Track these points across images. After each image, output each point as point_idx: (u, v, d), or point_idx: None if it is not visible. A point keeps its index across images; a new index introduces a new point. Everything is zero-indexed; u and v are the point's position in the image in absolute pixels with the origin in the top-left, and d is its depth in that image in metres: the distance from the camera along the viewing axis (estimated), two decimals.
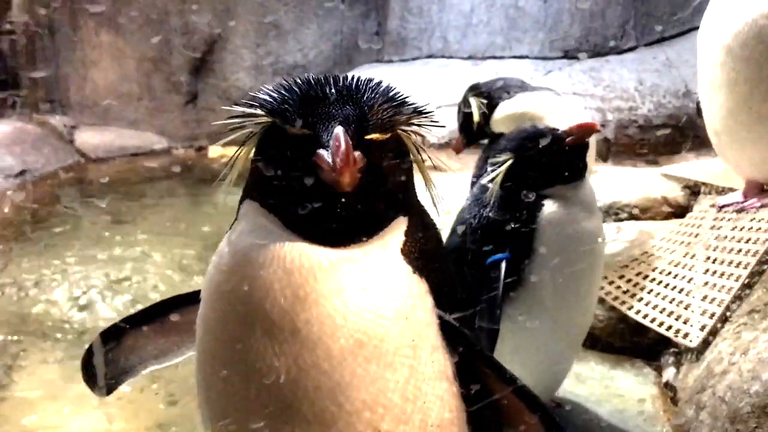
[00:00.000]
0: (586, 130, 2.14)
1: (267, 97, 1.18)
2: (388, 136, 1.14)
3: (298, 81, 1.18)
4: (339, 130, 1.06)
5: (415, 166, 1.27)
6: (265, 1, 9.06)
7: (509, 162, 2.16)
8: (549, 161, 2.14)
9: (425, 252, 1.21)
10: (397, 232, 1.19)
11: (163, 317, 1.51)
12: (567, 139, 2.13)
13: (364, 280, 1.11)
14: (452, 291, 1.26)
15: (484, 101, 3.36)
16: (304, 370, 1.08)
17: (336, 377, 1.08)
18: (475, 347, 1.24)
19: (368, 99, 1.15)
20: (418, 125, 1.20)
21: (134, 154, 8.44)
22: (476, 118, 3.36)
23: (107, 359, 1.53)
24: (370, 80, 1.20)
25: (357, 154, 1.07)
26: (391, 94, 1.19)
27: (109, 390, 1.58)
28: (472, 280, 2.01)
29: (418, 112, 1.21)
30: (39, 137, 7.85)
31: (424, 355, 1.14)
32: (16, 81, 8.43)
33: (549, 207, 2.14)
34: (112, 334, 1.52)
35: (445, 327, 1.19)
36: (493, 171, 2.19)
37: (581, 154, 2.17)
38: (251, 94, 1.23)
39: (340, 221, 1.12)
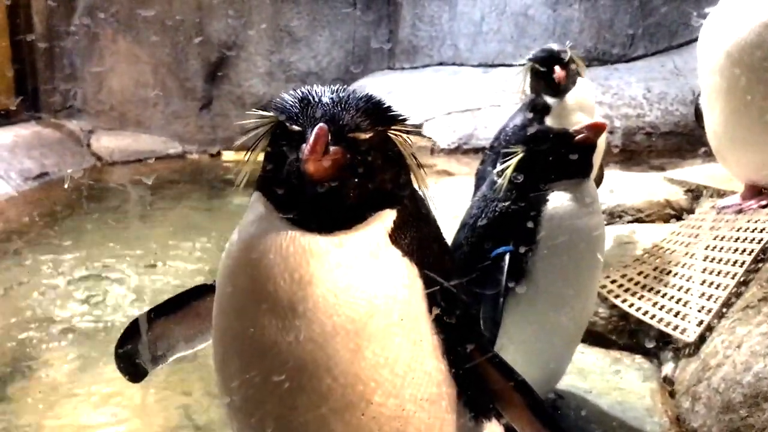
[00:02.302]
0: (595, 129, 2.24)
1: (278, 101, 1.34)
2: (370, 135, 1.26)
3: (305, 88, 1.34)
4: (317, 127, 1.19)
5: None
6: (278, 9, 9.22)
7: (520, 156, 2.27)
8: (557, 157, 2.24)
9: (416, 240, 1.33)
10: (385, 221, 1.30)
11: (188, 305, 1.64)
12: (576, 138, 2.24)
13: (352, 262, 1.24)
14: (446, 276, 1.35)
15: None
16: (302, 344, 1.21)
17: (330, 351, 1.21)
18: (464, 327, 1.35)
19: (353, 103, 1.29)
20: (403, 130, 1.34)
21: (149, 158, 8.57)
22: (582, 75, 3.55)
23: (138, 346, 1.66)
24: (364, 92, 1.35)
25: (334, 148, 1.20)
26: (376, 101, 1.33)
27: (142, 376, 1.72)
28: (477, 272, 2.11)
29: (399, 119, 1.34)
30: (57, 141, 8.01)
31: (413, 333, 1.26)
32: (35, 86, 8.60)
33: (553, 201, 2.24)
34: (142, 323, 1.64)
35: (435, 308, 1.30)
36: (504, 163, 2.30)
37: (588, 152, 2.28)
38: (267, 99, 1.36)
39: (325, 210, 1.25)
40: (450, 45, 8.86)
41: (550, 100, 3.46)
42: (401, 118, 1.34)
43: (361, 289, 1.22)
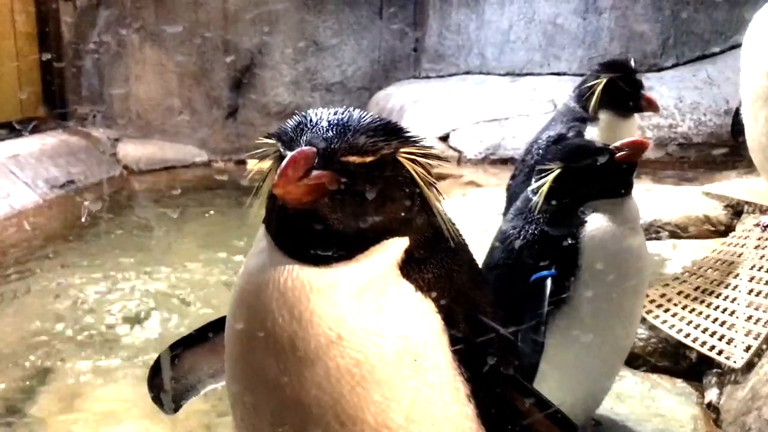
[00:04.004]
0: (638, 147, 2.14)
1: (279, 127, 1.25)
2: (369, 159, 1.15)
3: (306, 112, 1.25)
4: (298, 149, 1.10)
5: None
6: (304, 18, 9.20)
7: (557, 171, 2.16)
8: (597, 175, 2.13)
9: (435, 271, 1.22)
10: (393, 251, 1.19)
11: (213, 338, 1.55)
12: (618, 155, 2.13)
13: (356, 297, 1.13)
14: (474, 310, 1.25)
15: None
16: (306, 388, 1.12)
17: (336, 396, 1.11)
18: (495, 368, 1.23)
19: (350, 125, 1.18)
20: (415, 154, 1.22)
21: (175, 166, 8.61)
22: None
23: (170, 379, 1.58)
24: (366, 113, 1.24)
25: (318, 172, 1.10)
26: (379, 123, 1.22)
27: (176, 408, 1.63)
28: (515, 298, 2.00)
29: (410, 141, 1.23)
30: (83, 149, 8.04)
31: (430, 375, 1.15)
32: (63, 95, 8.67)
33: (593, 222, 2.12)
34: (171, 354, 1.57)
35: (459, 348, 1.19)
36: (539, 180, 2.19)
37: (630, 170, 2.17)
38: (292, 108, 1.28)
39: (317, 240, 1.15)
40: (477, 54, 8.77)
41: (608, 116, 3.29)
42: (412, 140, 1.24)
43: (367, 329, 1.12)
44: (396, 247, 1.20)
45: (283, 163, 1.08)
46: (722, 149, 6.65)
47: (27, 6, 8.02)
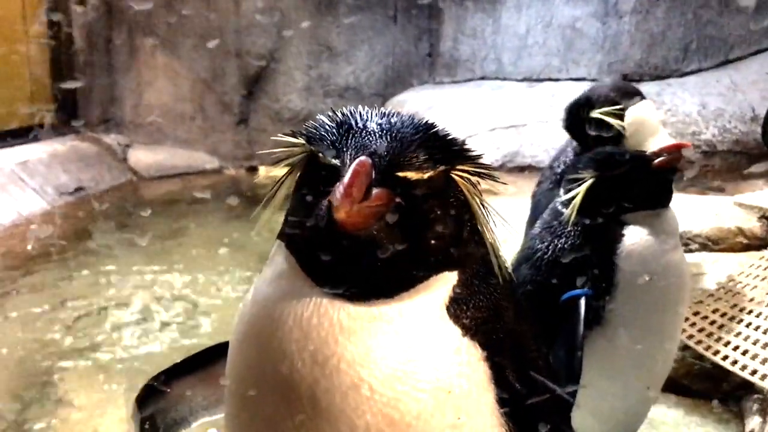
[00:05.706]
0: (677, 152, 1.97)
1: (312, 124, 1.06)
2: (428, 176, 0.97)
3: (344, 110, 1.06)
4: (356, 161, 0.91)
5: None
6: (317, 24, 9.09)
7: (591, 181, 1.98)
8: (634, 184, 1.97)
9: (483, 313, 1.03)
10: (442, 288, 1.01)
11: (209, 365, 1.37)
12: (655, 161, 1.96)
13: (395, 342, 0.95)
14: (523, 360, 1.08)
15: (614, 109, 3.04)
16: None
17: None
18: (552, 427, 1.06)
19: (409, 133, 1.00)
20: (471, 171, 1.04)
21: (186, 173, 8.51)
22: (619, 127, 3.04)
23: (157, 410, 1.39)
24: (421, 118, 1.06)
25: (378, 191, 0.92)
26: (438, 131, 1.04)
27: None
28: (544, 319, 1.84)
29: (468, 157, 1.05)
30: (94, 155, 7.99)
31: None
32: (74, 100, 8.61)
33: (630, 236, 1.96)
34: (159, 384, 1.39)
35: (507, 403, 1.01)
36: (570, 191, 2.02)
37: (668, 178, 2.00)
38: (305, 114, 1.09)
39: (361, 271, 0.97)
40: (493, 59, 8.61)
41: None
42: (471, 155, 1.05)
43: (404, 380, 0.94)
44: (445, 283, 1.02)
45: (347, 178, 0.89)
46: (748, 157, 6.45)
47: (39, 12, 7.98)
